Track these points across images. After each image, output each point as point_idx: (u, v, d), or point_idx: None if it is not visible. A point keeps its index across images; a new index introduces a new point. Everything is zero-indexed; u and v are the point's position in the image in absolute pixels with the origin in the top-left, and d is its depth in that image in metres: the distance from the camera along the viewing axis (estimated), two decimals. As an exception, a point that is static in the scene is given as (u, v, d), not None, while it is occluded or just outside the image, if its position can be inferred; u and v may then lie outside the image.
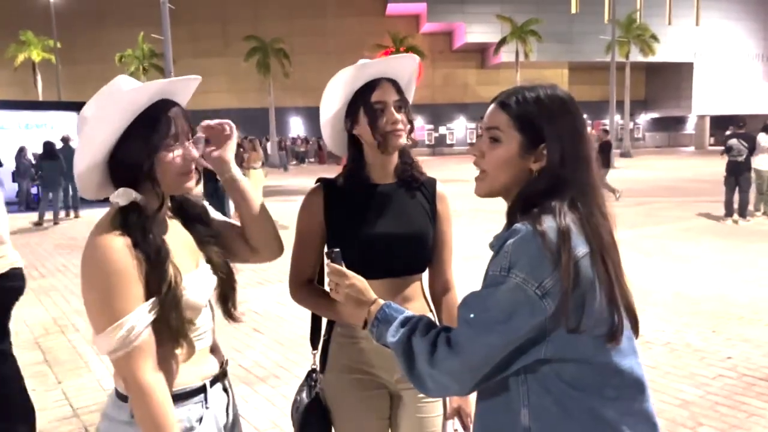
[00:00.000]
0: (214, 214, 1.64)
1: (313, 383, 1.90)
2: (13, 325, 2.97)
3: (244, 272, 7.12)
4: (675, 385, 4.05)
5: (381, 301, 1.41)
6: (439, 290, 1.97)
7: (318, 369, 1.93)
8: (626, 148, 34.44)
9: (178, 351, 1.41)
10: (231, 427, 1.58)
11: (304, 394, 1.88)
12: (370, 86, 1.78)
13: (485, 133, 1.32)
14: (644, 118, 45.97)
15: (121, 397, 1.40)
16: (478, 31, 39.02)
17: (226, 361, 1.60)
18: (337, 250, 1.51)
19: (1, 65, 34.39)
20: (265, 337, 5.29)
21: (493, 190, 1.33)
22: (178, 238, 1.49)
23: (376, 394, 1.84)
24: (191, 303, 1.41)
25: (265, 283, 7.09)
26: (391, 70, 1.82)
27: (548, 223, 1.17)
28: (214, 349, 1.57)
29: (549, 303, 1.14)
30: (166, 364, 1.38)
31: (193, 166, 1.44)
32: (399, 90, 1.82)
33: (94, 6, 37.56)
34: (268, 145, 33.10)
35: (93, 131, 1.34)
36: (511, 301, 1.15)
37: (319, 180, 1.90)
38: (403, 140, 1.81)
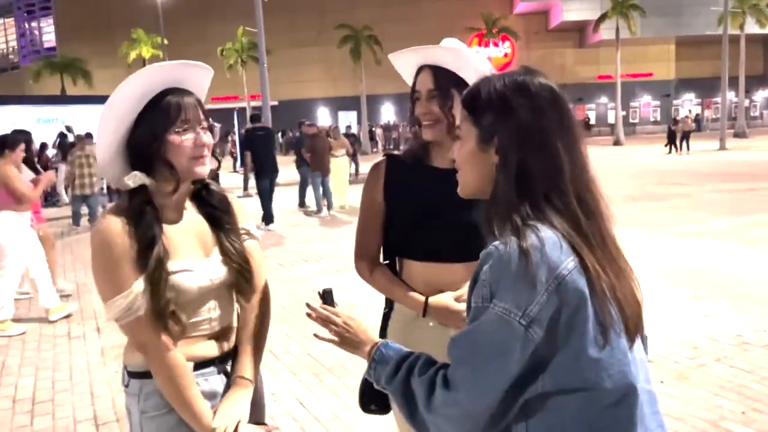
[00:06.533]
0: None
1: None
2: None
3: (324, 260, 7.22)
4: (771, 393, 3.68)
5: (378, 341, 1.32)
6: None
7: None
8: (741, 127, 31.84)
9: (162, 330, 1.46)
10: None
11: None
12: (417, 74, 1.81)
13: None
14: (762, 94, 42.33)
15: (128, 372, 1.53)
16: (575, 9, 37.38)
17: (233, 347, 1.61)
18: (330, 288, 1.48)
19: (117, 63, 36.94)
20: (336, 325, 5.33)
21: (467, 191, 1.25)
22: (190, 224, 1.56)
23: None
24: (181, 287, 1.46)
25: (342, 270, 7.16)
26: (431, 58, 1.78)
27: (526, 239, 1.04)
28: (220, 336, 1.58)
29: (536, 331, 1.01)
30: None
31: (206, 152, 1.50)
32: (439, 78, 1.75)
33: (198, 2, 39.45)
34: (360, 132, 33.49)
35: (103, 122, 1.45)
36: (498, 335, 1.04)
37: (386, 154, 1.94)
38: (430, 132, 1.76)
